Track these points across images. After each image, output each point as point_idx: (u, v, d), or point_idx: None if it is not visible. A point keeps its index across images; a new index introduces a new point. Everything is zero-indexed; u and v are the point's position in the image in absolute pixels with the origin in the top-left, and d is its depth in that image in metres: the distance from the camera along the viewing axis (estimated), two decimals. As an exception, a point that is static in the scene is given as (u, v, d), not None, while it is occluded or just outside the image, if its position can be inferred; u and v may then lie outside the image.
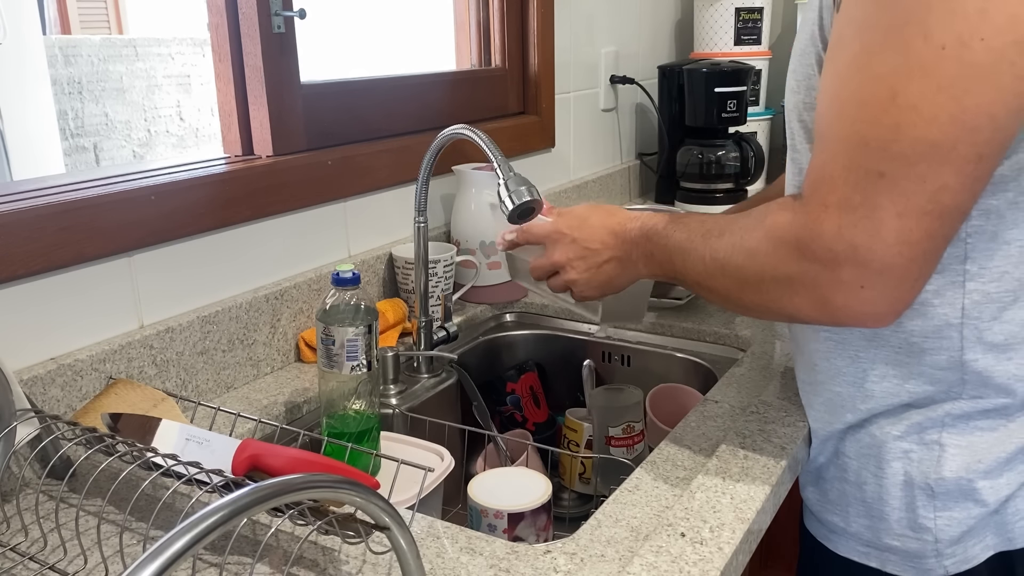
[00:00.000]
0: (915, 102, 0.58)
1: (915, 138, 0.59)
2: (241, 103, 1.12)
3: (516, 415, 1.27)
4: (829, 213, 0.63)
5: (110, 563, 0.70)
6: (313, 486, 0.47)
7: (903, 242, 0.61)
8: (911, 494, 0.77)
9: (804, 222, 0.65)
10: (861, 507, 0.81)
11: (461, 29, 1.60)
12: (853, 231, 0.62)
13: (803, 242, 0.65)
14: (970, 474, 0.75)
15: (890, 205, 0.61)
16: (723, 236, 0.74)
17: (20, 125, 2.90)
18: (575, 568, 0.70)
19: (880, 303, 0.64)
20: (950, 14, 0.57)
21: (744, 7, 2.06)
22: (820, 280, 0.65)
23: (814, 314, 0.68)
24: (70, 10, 4.46)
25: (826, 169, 0.64)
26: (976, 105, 0.58)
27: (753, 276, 0.71)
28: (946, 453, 0.76)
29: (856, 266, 0.63)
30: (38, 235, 0.86)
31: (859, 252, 0.62)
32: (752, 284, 0.71)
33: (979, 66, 0.57)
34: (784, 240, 0.67)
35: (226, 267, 1.07)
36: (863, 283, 0.63)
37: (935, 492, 0.76)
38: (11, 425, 0.77)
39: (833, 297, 0.65)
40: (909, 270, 0.62)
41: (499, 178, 0.98)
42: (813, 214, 0.64)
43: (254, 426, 0.95)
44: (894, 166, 0.60)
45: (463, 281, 1.36)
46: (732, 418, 0.96)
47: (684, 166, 1.96)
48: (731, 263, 0.73)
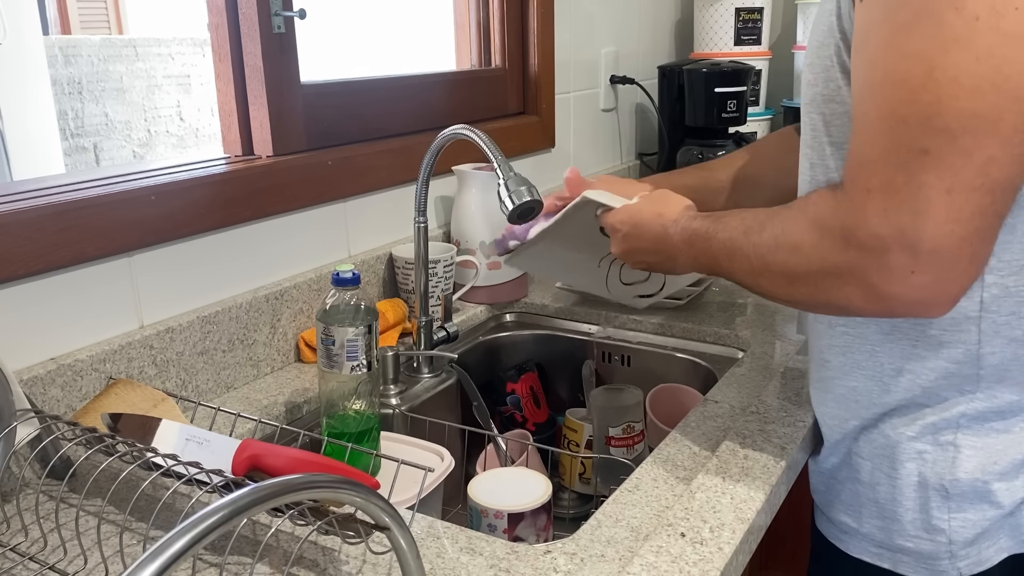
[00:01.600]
0: (954, 74, 0.57)
1: (958, 110, 0.57)
2: (241, 103, 1.12)
3: (516, 415, 1.27)
4: (872, 197, 0.61)
5: (110, 563, 0.70)
6: (313, 486, 0.47)
7: (953, 220, 0.59)
8: (925, 495, 0.77)
9: (847, 209, 0.63)
10: (874, 508, 0.81)
11: (461, 29, 1.60)
12: (899, 213, 0.60)
13: (848, 230, 0.63)
14: (985, 476, 0.74)
15: (936, 182, 0.58)
16: (764, 231, 0.73)
17: (20, 125, 2.90)
18: (575, 568, 0.70)
19: (933, 288, 0.62)
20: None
21: (744, 7, 2.06)
22: (869, 268, 0.63)
23: (866, 305, 0.65)
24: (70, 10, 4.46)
25: (865, 153, 0.62)
26: (1018, 73, 0.56)
27: (800, 270, 0.69)
28: (961, 454, 0.75)
29: (905, 250, 0.60)
30: (38, 235, 0.86)
31: (907, 235, 0.60)
32: (800, 278, 0.70)
33: (1016, 35, 0.56)
34: (828, 230, 0.65)
35: (226, 267, 1.07)
36: (914, 268, 0.61)
37: (950, 493, 0.76)
38: (11, 425, 0.77)
39: (884, 285, 0.63)
40: (962, 250, 0.60)
41: (499, 178, 0.98)
42: (856, 200, 0.63)
43: (254, 426, 0.95)
44: (938, 141, 0.58)
45: (463, 281, 1.36)
46: (732, 418, 0.96)
47: (684, 166, 1.96)
48: (776, 259, 0.71)
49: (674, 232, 0.86)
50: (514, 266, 1.01)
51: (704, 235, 0.81)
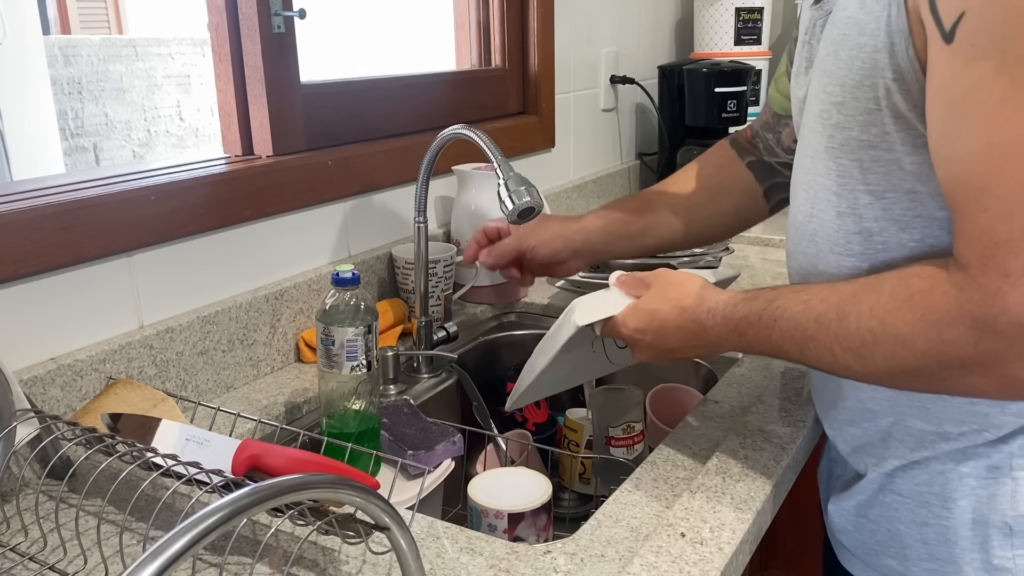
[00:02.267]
0: None
1: None
2: (241, 103, 1.12)
3: (516, 415, 1.27)
4: (1013, 283, 0.56)
5: (110, 563, 0.70)
6: (313, 486, 0.47)
7: None
8: (984, 533, 0.71)
9: (981, 298, 0.58)
10: (923, 550, 0.75)
11: (461, 29, 1.60)
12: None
13: (983, 321, 0.58)
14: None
15: None
16: (847, 319, 0.66)
17: (20, 125, 2.90)
18: (575, 568, 0.70)
19: None
20: None
21: (744, 7, 2.06)
22: (1007, 358, 0.58)
23: (995, 392, 0.61)
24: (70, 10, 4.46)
25: (999, 232, 0.56)
26: None
27: (911, 365, 0.63)
28: (1021, 487, 0.70)
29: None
30: (38, 235, 0.86)
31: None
32: (911, 372, 0.63)
33: None
34: (954, 322, 0.59)
35: (226, 267, 1.07)
36: None
37: (1013, 530, 0.70)
38: (11, 425, 0.77)
39: (1021, 372, 0.58)
40: None
41: (499, 178, 0.98)
42: (991, 287, 0.57)
43: (254, 426, 0.95)
44: None
45: (463, 281, 1.36)
46: (732, 418, 0.96)
47: (684, 166, 1.96)
48: (877, 353, 0.64)
49: (712, 324, 0.78)
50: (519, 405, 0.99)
51: (757, 322, 0.73)
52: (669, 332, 0.81)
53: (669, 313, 0.81)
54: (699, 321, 0.78)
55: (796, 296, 0.71)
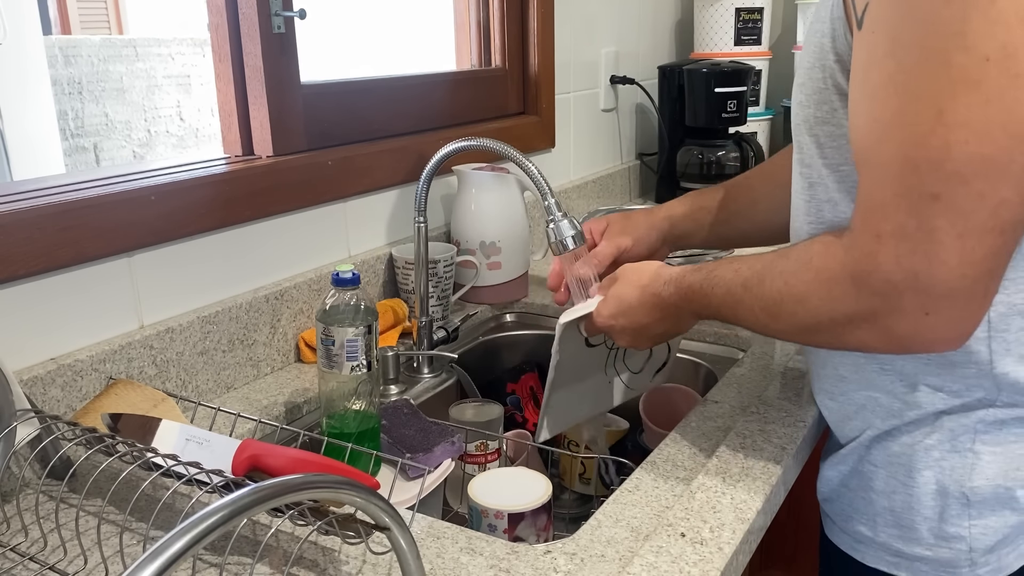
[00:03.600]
0: (964, 118, 0.56)
1: (968, 155, 0.57)
2: (241, 103, 1.12)
3: (516, 415, 1.27)
4: (884, 243, 0.61)
5: (110, 563, 0.70)
6: (313, 486, 0.47)
7: (966, 263, 0.59)
8: (944, 503, 0.75)
9: (858, 257, 0.63)
10: (890, 516, 0.79)
11: (461, 29, 1.60)
12: (912, 258, 0.60)
13: (859, 277, 0.64)
14: (1008, 482, 0.73)
15: (949, 227, 0.58)
16: (764, 283, 0.73)
17: (20, 125, 2.90)
18: (575, 568, 0.70)
19: (947, 328, 0.62)
20: (991, 24, 0.55)
21: (744, 7, 2.06)
22: (882, 312, 0.63)
23: (881, 346, 0.66)
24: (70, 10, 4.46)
25: (875, 197, 0.62)
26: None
27: (810, 321, 0.69)
28: (981, 460, 0.73)
29: (918, 293, 0.61)
30: (38, 235, 0.86)
31: (920, 279, 0.60)
32: (811, 328, 0.70)
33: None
34: (837, 280, 0.66)
35: (226, 267, 1.07)
36: (927, 309, 0.61)
37: (970, 500, 0.74)
38: (11, 425, 0.77)
39: (898, 327, 0.63)
40: (975, 290, 0.61)
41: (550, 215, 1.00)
42: (867, 247, 0.63)
43: (254, 426, 0.95)
44: (949, 186, 0.58)
45: (463, 281, 1.36)
46: (732, 418, 0.96)
47: (684, 166, 1.96)
48: (783, 311, 0.72)
49: (668, 294, 0.85)
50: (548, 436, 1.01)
51: (700, 290, 0.81)
52: (636, 310, 0.88)
53: (632, 294, 0.88)
54: (658, 294, 0.86)
55: (730, 265, 0.79)
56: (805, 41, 0.75)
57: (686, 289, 0.83)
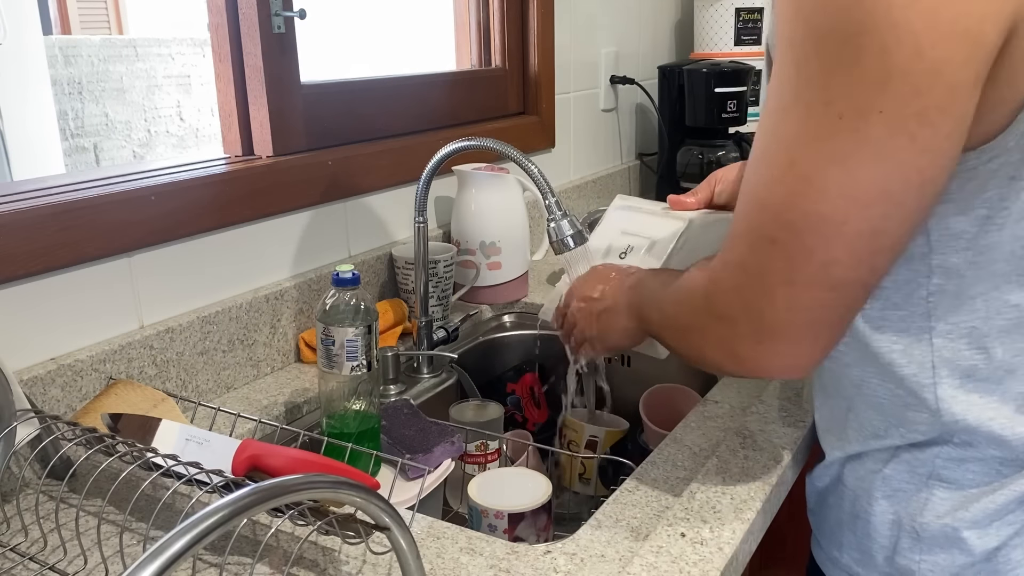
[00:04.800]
0: (808, 172, 0.56)
1: (805, 210, 0.57)
2: (241, 103, 1.12)
3: (516, 415, 1.27)
4: (728, 271, 0.64)
5: (110, 563, 0.70)
6: (313, 486, 0.47)
7: (792, 308, 0.60)
8: (897, 534, 0.75)
9: (710, 277, 0.66)
10: (852, 539, 0.79)
11: (461, 29, 1.60)
12: (747, 292, 0.62)
13: (708, 296, 0.66)
14: (956, 522, 0.71)
15: (779, 272, 0.60)
16: (673, 284, 0.76)
17: (20, 125, 2.90)
18: (575, 568, 0.70)
19: (779, 360, 0.63)
20: (851, 82, 0.53)
21: (744, 7, 2.06)
22: (724, 333, 0.65)
23: (727, 364, 0.67)
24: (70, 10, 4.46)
25: (734, 227, 0.64)
26: (868, 180, 0.55)
27: (683, 323, 0.73)
28: (933, 496, 0.72)
29: (750, 323, 0.63)
30: (38, 235, 0.86)
31: (751, 311, 0.62)
32: (683, 331, 0.73)
33: (875, 140, 0.54)
34: (695, 292, 0.69)
35: (226, 267, 1.07)
36: (759, 340, 0.63)
37: (920, 536, 0.73)
38: (11, 425, 0.77)
39: (738, 349, 0.65)
40: (802, 334, 0.61)
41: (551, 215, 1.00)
42: (717, 270, 0.65)
43: (254, 426, 0.95)
44: (785, 235, 0.59)
45: (463, 281, 1.36)
46: (732, 418, 0.96)
47: (684, 166, 1.96)
48: (670, 310, 0.75)
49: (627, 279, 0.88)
50: None
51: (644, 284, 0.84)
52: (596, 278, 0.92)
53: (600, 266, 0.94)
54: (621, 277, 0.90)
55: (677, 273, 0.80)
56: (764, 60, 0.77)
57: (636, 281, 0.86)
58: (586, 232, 1.02)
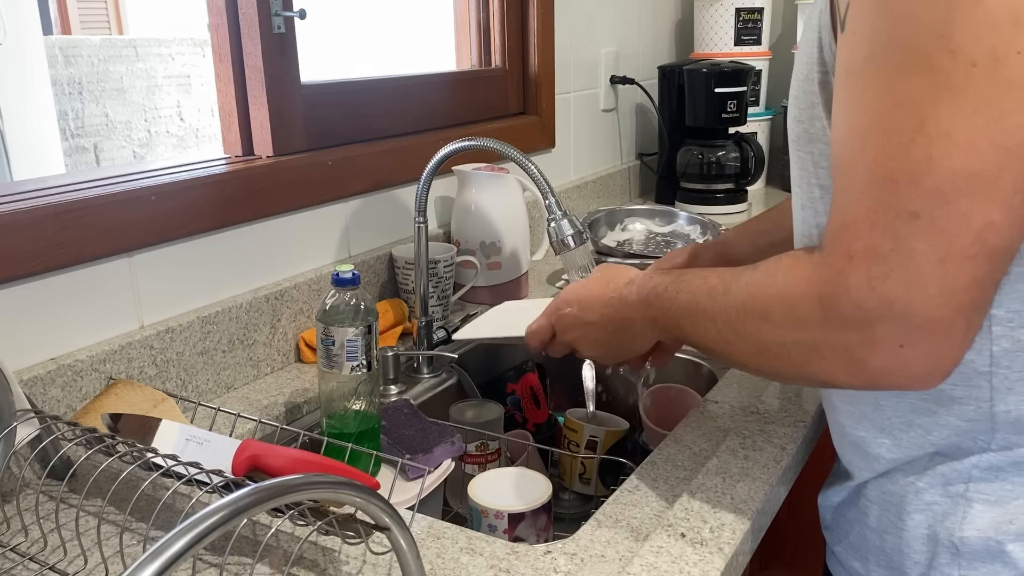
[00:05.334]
0: (947, 128, 0.51)
1: (951, 170, 0.51)
2: (241, 103, 1.12)
3: (516, 415, 1.27)
4: (856, 264, 0.55)
5: (110, 563, 0.70)
6: (313, 486, 0.47)
7: (947, 292, 0.53)
8: (933, 550, 0.70)
9: (827, 277, 0.57)
10: (881, 556, 0.75)
11: (461, 29, 1.60)
12: (886, 283, 0.54)
13: (827, 301, 0.57)
14: (999, 535, 0.67)
15: (928, 250, 0.52)
16: (728, 293, 0.67)
17: (20, 125, 2.90)
18: (575, 568, 0.70)
19: (924, 363, 0.56)
20: (979, 26, 0.49)
21: (744, 7, 2.06)
22: (851, 342, 0.57)
23: (848, 380, 0.60)
24: (70, 10, 4.46)
25: (848, 213, 0.56)
26: (1019, 127, 0.50)
27: (772, 341, 0.63)
28: (973, 509, 0.68)
29: (892, 323, 0.54)
30: (38, 235, 0.86)
31: (895, 307, 0.54)
32: (772, 350, 0.63)
33: (1017, 83, 0.50)
34: (803, 300, 0.59)
35: (226, 267, 1.07)
36: (902, 342, 0.55)
37: (959, 551, 0.69)
38: (11, 425, 0.77)
39: (869, 360, 0.57)
40: (956, 323, 0.54)
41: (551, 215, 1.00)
42: (836, 267, 0.56)
43: (254, 426, 0.95)
44: (929, 204, 0.52)
45: (463, 281, 1.36)
46: (732, 418, 0.96)
47: (684, 166, 1.97)
48: (746, 327, 0.65)
49: (629, 293, 0.79)
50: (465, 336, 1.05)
51: (664, 294, 0.75)
52: (592, 301, 0.84)
53: (594, 286, 0.85)
54: (619, 292, 0.81)
55: (701, 273, 0.72)
56: (798, 53, 0.71)
57: (649, 290, 0.77)
58: (586, 232, 1.02)
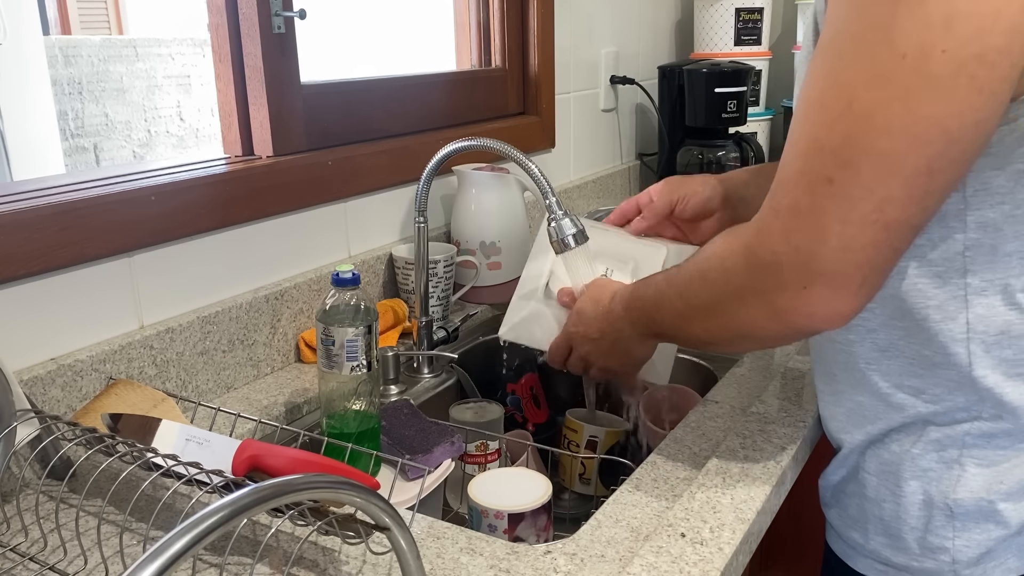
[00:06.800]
0: (869, 110, 0.58)
1: (865, 147, 0.59)
2: (241, 103, 1.12)
3: (516, 415, 1.27)
4: (778, 217, 0.64)
5: (110, 563, 0.70)
6: (313, 487, 0.47)
7: (844, 248, 0.61)
8: (929, 513, 0.75)
9: (755, 229, 0.66)
10: (879, 525, 0.79)
11: (461, 29, 1.60)
12: (797, 235, 0.63)
13: (750, 248, 0.67)
14: (991, 495, 0.73)
15: (835, 211, 0.61)
16: (681, 271, 0.78)
17: (20, 125, 2.90)
18: (575, 568, 0.70)
19: (824, 304, 0.64)
20: (915, 23, 0.56)
21: (744, 7, 2.06)
22: (766, 284, 0.66)
23: (765, 322, 0.68)
24: (70, 10, 4.46)
25: (784, 172, 0.64)
26: (928, 117, 0.57)
27: (709, 298, 0.73)
28: (966, 473, 0.73)
29: (797, 267, 0.63)
30: (38, 235, 0.86)
31: (800, 254, 0.63)
32: (712, 308, 0.73)
33: (937, 78, 0.56)
34: (732, 252, 0.69)
35: (226, 267, 1.07)
36: (805, 284, 0.63)
37: (954, 512, 0.74)
38: (11, 425, 0.77)
39: (779, 299, 0.65)
40: (851, 276, 0.62)
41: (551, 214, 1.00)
42: (764, 220, 0.65)
43: (254, 426, 0.95)
44: (843, 173, 0.60)
45: (463, 281, 1.36)
46: (732, 418, 0.96)
47: (684, 167, 1.96)
48: (692, 294, 0.75)
49: (615, 306, 0.89)
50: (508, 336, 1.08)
51: (639, 297, 0.85)
52: (588, 320, 0.93)
53: (588, 306, 0.94)
54: (606, 308, 0.91)
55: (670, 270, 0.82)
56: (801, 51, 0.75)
57: (628, 298, 0.87)
58: (586, 232, 1.02)
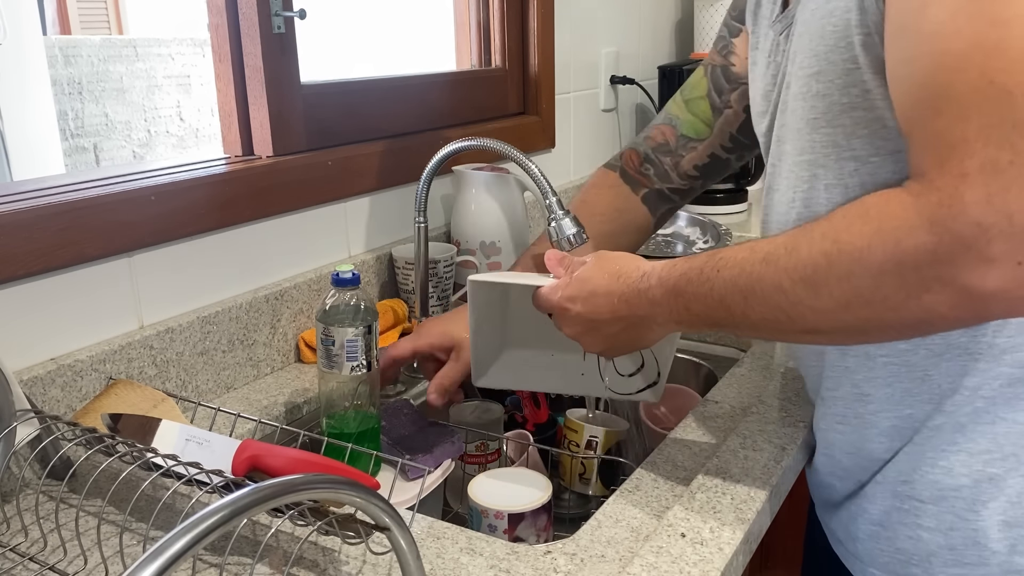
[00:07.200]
0: None
1: None
2: (241, 103, 1.12)
3: (516, 415, 1.27)
4: (972, 181, 0.52)
5: (110, 563, 0.70)
6: (313, 486, 0.47)
7: None
8: (1016, 534, 0.69)
9: (938, 199, 0.54)
10: (949, 555, 0.72)
11: (461, 29, 1.60)
12: (1007, 196, 0.51)
13: (941, 224, 0.53)
14: None
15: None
16: (799, 250, 0.61)
17: (20, 125, 2.90)
18: (575, 568, 0.70)
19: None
20: None
21: (744, 7, 2.06)
22: (966, 264, 0.53)
23: (954, 310, 0.56)
24: (70, 10, 4.46)
25: (955, 133, 0.53)
26: None
27: (868, 284, 0.57)
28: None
29: (1012, 239, 0.51)
30: (38, 235, 0.86)
31: (1015, 221, 0.51)
32: (863, 297, 0.58)
33: None
34: (912, 228, 0.55)
35: (226, 267, 1.07)
36: (1020, 258, 0.52)
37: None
38: (11, 425, 0.77)
39: (984, 282, 0.53)
40: None
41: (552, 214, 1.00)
42: (948, 188, 0.53)
43: (254, 426, 0.95)
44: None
45: (463, 281, 1.36)
46: (732, 418, 0.96)
47: (684, 166, 1.96)
48: (832, 277, 0.59)
49: (647, 287, 0.73)
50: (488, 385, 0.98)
51: (697, 278, 0.69)
52: (600, 299, 0.76)
53: (601, 279, 0.77)
54: (632, 285, 0.74)
55: (741, 247, 0.67)
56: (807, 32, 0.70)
57: (677, 279, 0.71)
58: (585, 231, 1.02)
